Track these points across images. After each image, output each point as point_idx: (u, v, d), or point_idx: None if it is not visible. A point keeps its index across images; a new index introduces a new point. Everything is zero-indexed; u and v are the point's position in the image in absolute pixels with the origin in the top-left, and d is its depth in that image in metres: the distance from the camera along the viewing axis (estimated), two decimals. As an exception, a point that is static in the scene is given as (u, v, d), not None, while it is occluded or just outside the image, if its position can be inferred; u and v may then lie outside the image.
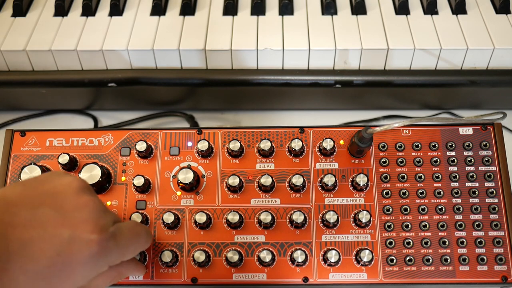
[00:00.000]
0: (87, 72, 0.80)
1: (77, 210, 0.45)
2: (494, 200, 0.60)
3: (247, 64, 0.79)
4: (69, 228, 0.43)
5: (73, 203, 0.45)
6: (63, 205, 0.45)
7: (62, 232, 0.42)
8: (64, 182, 0.47)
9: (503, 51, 0.77)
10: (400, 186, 0.61)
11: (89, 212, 0.45)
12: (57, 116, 0.91)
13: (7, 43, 0.79)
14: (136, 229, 0.52)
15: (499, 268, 0.58)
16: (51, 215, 0.43)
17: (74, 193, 0.46)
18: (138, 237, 0.52)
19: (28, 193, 0.44)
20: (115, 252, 0.47)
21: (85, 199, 0.46)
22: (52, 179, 0.47)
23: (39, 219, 0.42)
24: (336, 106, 0.88)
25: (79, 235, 0.43)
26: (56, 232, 0.42)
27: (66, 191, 0.46)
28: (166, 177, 0.62)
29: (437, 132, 0.63)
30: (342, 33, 0.79)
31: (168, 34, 0.80)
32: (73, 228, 0.43)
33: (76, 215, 0.44)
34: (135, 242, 0.51)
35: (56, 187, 0.46)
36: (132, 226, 0.52)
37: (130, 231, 0.50)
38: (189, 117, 0.87)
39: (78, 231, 0.43)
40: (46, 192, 0.45)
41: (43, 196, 0.44)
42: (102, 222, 0.46)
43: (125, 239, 0.49)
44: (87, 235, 0.44)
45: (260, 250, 0.58)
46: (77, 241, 0.43)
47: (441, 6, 0.83)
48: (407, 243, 0.59)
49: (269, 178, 0.59)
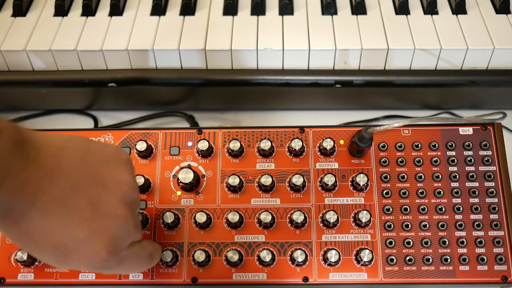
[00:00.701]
0: (87, 72, 0.80)
1: (107, 217, 0.43)
2: (494, 200, 0.60)
3: (247, 64, 0.79)
4: (88, 229, 0.42)
5: (109, 208, 0.43)
6: (99, 202, 0.43)
7: (80, 229, 0.41)
8: (118, 178, 0.45)
9: (503, 51, 0.77)
10: (400, 186, 0.61)
11: (116, 226, 0.44)
12: (57, 116, 0.91)
13: (7, 43, 0.79)
14: (144, 260, 0.50)
15: (499, 268, 0.58)
16: (83, 206, 0.42)
17: (117, 197, 0.44)
18: (142, 266, 0.51)
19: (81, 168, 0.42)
20: (113, 270, 0.46)
21: (121, 212, 0.44)
22: (113, 165, 0.46)
23: (71, 202, 0.41)
24: (336, 106, 0.88)
25: (92, 242, 0.42)
26: (76, 225, 0.41)
27: (112, 189, 0.44)
28: (166, 177, 0.62)
29: (437, 132, 0.63)
30: (342, 33, 0.79)
31: (168, 34, 0.80)
32: (91, 233, 0.42)
33: (103, 222, 0.43)
34: (137, 269, 0.51)
35: (108, 178, 0.44)
36: (144, 256, 0.50)
37: (138, 260, 0.49)
38: (189, 117, 0.87)
39: (93, 239, 0.42)
40: (96, 176, 0.43)
41: (91, 180, 0.43)
42: (119, 244, 0.44)
43: (129, 265, 0.48)
44: (98, 247, 0.42)
45: (260, 250, 0.58)
46: (86, 246, 0.42)
47: (441, 6, 0.83)
48: (407, 243, 0.59)
49: (269, 178, 0.59)
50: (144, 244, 0.51)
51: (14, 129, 0.38)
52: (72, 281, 0.58)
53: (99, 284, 0.58)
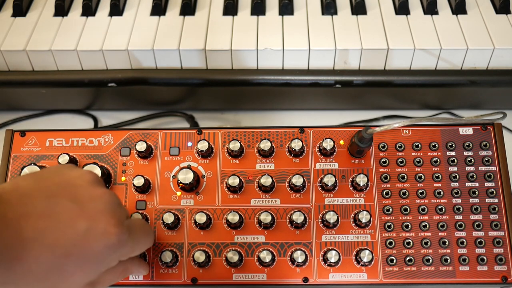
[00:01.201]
0: (87, 72, 0.80)
1: (92, 201, 0.44)
2: (494, 200, 0.60)
3: (247, 64, 0.79)
4: (85, 219, 0.43)
5: (88, 195, 0.45)
6: (78, 196, 0.44)
7: (78, 223, 0.42)
8: (76, 175, 0.47)
9: (503, 51, 0.76)
10: (400, 186, 0.61)
11: (105, 204, 0.45)
12: (57, 116, 0.91)
13: (7, 43, 0.79)
14: (145, 227, 0.53)
15: (499, 268, 0.58)
16: (67, 206, 0.43)
17: (87, 185, 0.46)
18: (147, 234, 0.53)
19: (41, 184, 0.44)
20: (128, 246, 0.47)
21: (100, 191, 0.46)
22: (63, 171, 0.47)
23: (55, 209, 0.42)
24: (336, 106, 0.88)
25: (96, 226, 0.43)
26: (73, 222, 0.42)
27: (79, 183, 0.46)
28: (166, 177, 0.62)
29: (437, 132, 0.63)
30: (342, 33, 0.79)
31: (168, 34, 0.80)
32: (90, 220, 0.43)
33: (93, 206, 0.44)
34: (145, 238, 0.52)
35: (69, 179, 0.46)
36: (143, 223, 0.53)
37: (141, 228, 0.51)
38: (189, 117, 0.87)
39: (95, 223, 0.43)
40: (59, 183, 0.45)
41: (57, 187, 0.44)
42: (118, 215, 0.46)
43: (138, 234, 0.49)
44: (104, 226, 0.43)
45: (260, 250, 0.58)
46: (93, 233, 0.43)
47: (441, 6, 0.83)
48: (407, 243, 0.59)
49: (269, 178, 0.59)
50: (134, 217, 0.54)
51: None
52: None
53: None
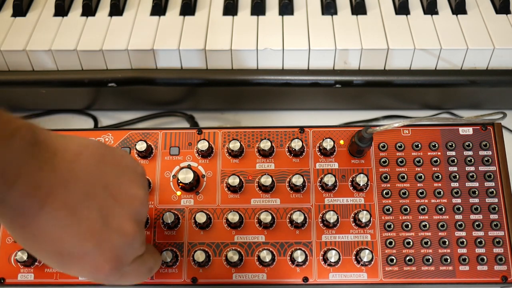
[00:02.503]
0: (87, 72, 0.80)
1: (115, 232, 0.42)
2: (494, 200, 0.60)
3: (247, 64, 0.79)
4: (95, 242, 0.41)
5: (119, 223, 0.43)
6: (110, 214, 0.42)
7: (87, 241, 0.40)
8: (131, 193, 0.44)
9: (503, 51, 0.76)
10: (400, 186, 0.61)
11: (123, 243, 0.43)
12: (57, 116, 0.91)
13: (7, 43, 0.79)
14: (145, 275, 0.50)
15: (499, 268, 0.58)
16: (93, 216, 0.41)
17: (128, 213, 0.44)
18: (141, 279, 0.50)
19: (96, 176, 0.42)
20: (112, 282, 0.46)
21: (130, 228, 0.43)
22: (127, 178, 0.45)
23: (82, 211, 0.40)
24: (336, 106, 0.88)
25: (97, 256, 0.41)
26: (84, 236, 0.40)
27: (124, 204, 0.43)
28: (166, 177, 0.62)
29: (437, 132, 0.63)
30: (342, 33, 0.79)
31: (168, 34, 0.80)
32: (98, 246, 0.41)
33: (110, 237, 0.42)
34: (135, 281, 0.49)
35: (120, 191, 0.43)
36: (145, 270, 0.50)
37: (139, 275, 0.49)
38: (189, 117, 0.87)
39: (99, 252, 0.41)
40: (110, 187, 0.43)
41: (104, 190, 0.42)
42: (123, 261, 0.44)
43: (129, 279, 0.47)
44: (102, 261, 0.42)
45: (260, 250, 0.58)
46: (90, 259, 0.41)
47: (441, 6, 0.83)
48: (407, 243, 0.59)
49: (269, 178, 0.59)
50: (145, 258, 0.49)
51: (30, 128, 0.37)
52: (72, 281, 0.58)
53: (100, 284, 0.58)
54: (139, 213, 0.45)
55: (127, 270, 0.46)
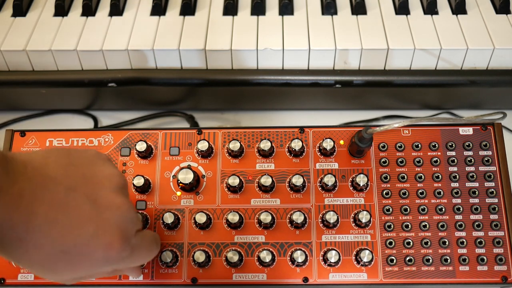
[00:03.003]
0: (87, 72, 0.80)
1: (109, 209, 0.44)
2: (494, 200, 0.60)
3: (247, 64, 0.79)
4: (95, 225, 0.42)
5: (108, 200, 0.44)
6: (98, 197, 0.44)
7: (87, 226, 0.42)
8: (106, 174, 0.46)
9: (503, 51, 0.76)
10: (400, 186, 0.61)
11: (119, 216, 0.44)
12: (57, 116, 0.91)
13: (7, 43, 0.79)
14: (152, 246, 0.52)
15: (499, 268, 0.58)
16: (83, 204, 0.42)
17: (112, 189, 0.45)
18: (151, 253, 0.52)
19: (69, 172, 0.43)
20: (126, 262, 0.47)
21: (120, 201, 0.45)
22: (96, 164, 0.47)
23: (71, 203, 0.41)
24: (336, 106, 0.88)
25: (102, 235, 0.42)
26: (82, 223, 0.41)
27: (105, 184, 0.45)
28: (166, 177, 0.62)
29: (437, 132, 0.63)
30: (342, 33, 0.79)
31: (168, 34, 0.80)
32: (99, 227, 0.42)
33: (107, 214, 0.43)
34: (146, 258, 0.52)
35: (97, 175, 0.45)
36: (150, 241, 0.51)
37: (147, 247, 0.50)
38: (189, 117, 0.87)
39: (102, 232, 0.42)
40: (86, 176, 0.44)
41: (82, 180, 0.43)
42: (128, 232, 0.45)
43: (140, 253, 0.49)
44: (109, 238, 0.43)
45: (260, 250, 0.58)
46: (97, 241, 0.42)
47: (441, 6, 0.83)
48: (407, 243, 0.59)
49: (269, 178, 0.59)
50: (146, 231, 0.52)
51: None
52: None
53: (100, 284, 0.58)
54: (121, 186, 0.47)
55: (135, 243, 0.47)
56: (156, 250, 0.53)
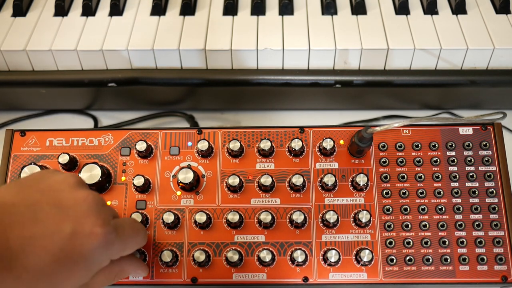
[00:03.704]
0: (87, 72, 0.80)
1: (76, 204, 0.45)
2: (494, 200, 0.60)
3: (247, 64, 0.79)
4: (70, 222, 0.43)
5: (72, 198, 0.45)
6: (61, 201, 0.45)
7: (63, 227, 0.42)
8: (59, 179, 0.47)
9: (503, 51, 0.76)
10: (400, 186, 0.61)
11: (89, 205, 0.45)
12: (57, 116, 0.91)
13: (7, 43, 0.79)
14: (134, 225, 0.53)
15: (499, 268, 0.58)
16: (51, 211, 0.43)
17: (71, 188, 0.46)
18: (137, 232, 0.52)
19: (24, 192, 0.44)
20: (116, 245, 0.47)
21: (83, 193, 0.46)
22: (47, 177, 0.48)
23: (38, 216, 0.42)
24: (336, 106, 0.88)
25: (81, 228, 0.43)
26: (58, 227, 0.42)
27: (62, 187, 0.46)
28: (166, 177, 0.62)
29: (437, 132, 0.63)
30: (342, 33, 0.79)
31: (168, 34, 0.80)
32: (75, 222, 0.43)
33: (77, 209, 0.45)
34: (134, 237, 0.52)
35: (52, 184, 0.46)
36: (131, 221, 0.53)
37: (130, 226, 0.51)
38: (189, 117, 0.87)
39: (80, 225, 0.43)
40: (42, 189, 0.45)
41: (40, 194, 0.45)
42: (103, 215, 0.46)
43: (126, 233, 0.49)
44: (89, 227, 0.44)
45: (260, 250, 0.58)
46: (79, 235, 0.43)
47: (441, 6, 0.83)
48: (407, 243, 0.59)
49: (269, 178, 0.59)
50: (127, 217, 0.54)
51: None
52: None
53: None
54: (78, 183, 0.48)
55: (115, 223, 0.47)
56: (142, 230, 0.54)
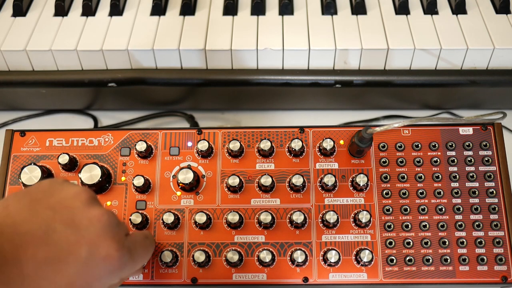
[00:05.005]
0: (87, 72, 0.80)
1: (91, 224, 0.43)
2: (494, 200, 0.60)
3: (247, 64, 0.79)
4: (86, 245, 0.41)
5: (86, 218, 0.43)
6: (75, 220, 0.43)
7: (79, 250, 0.41)
8: (71, 194, 0.45)
9: (503, 51, 0.76)
10: (400, 186, 0.61)
11: (104, 226, 0.44)
12: (57, 116, 0.91)
13: (7, 43, 0.79)
14: (146, 242, 0.52)
15: (499, 268, 0.58)
16: (65, 232, 0.41)
17: (84, 206, 0.45)
18: (147, 250, 0.52)
19: (35, 209, 0.42)
20: (129, 266, 0.46)
21: (97, 212, 0.44)
22: (57, 189, 0.45)
23: (52, 236, 0.40)
24: (336, 106, 0.88)
25: (97, 251, 0.42)
26: (73, 249, 0.41)
27: (75, 204, 0.44)
28: (166, 177, 0.62)
29: (437, 132, 0.63)
30: (342, 33, 0.79)
31: (168, 34, 0.80)
32: (90, 245, 0.42)
33: (91, 230, 0.43)
34: (145, 256, 0.51)
35: (63, 199, 0.44)
36: (142, 238, 0.51)
37: (142, 244, 0.50)
38: (189, 117, 0.87)
39: (95, 248, 0.42)
40: (54, 206, 0.43)
41: (52, 212, 0.42)
42: (118, 237, 0.44)
43: (138, 252, 0.48)
44: (105, 251, 0.43)
45: (260, 250, 0.58)
46: (95, 258, 0.42)
47: (441, 6, 0.83)
48: (407, 243, 0.59)
49: (269, 178, 0.59)
50: (135, 232, 0.52)
51: None
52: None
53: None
54: (91, 199, 0.46)
55: (128, 244, 0.46)
56: (152, 246, 0.53)
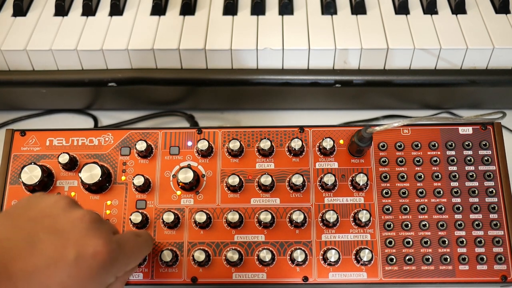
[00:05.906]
0: (87, 72, 0.80)
1: (74, 226, 0.44)
2: (494, 199, 0.60)
3: (247, 63, 0.79)
4: (72, 246, 0.42)
5: (68, 221, 0.44)
6: (57, 226, 0.43)
7: (66, 253, 0.41)
8: (49, 203, 0.46)
9: (502, 51, 0.77)
10: (399, 185, 0.61)
11: (87, 225, 0.44)
12: (57, 116, 0.91)
13: (7, 43, 0.79)
14: (137, 239, 0.51)
15: (499, 267, 0.58)
16: (48, 239, 0.41)
17: (64, 211, 0.45)
18: (140, 246, 0.52)
19: (17, 224, 0.43)
20: (121, 260, 0.46)
21: (78, 213, 0.45)
22: (35, 203, 0.46)
23: (37, 246, 0.41)
24: (336, 106, 0.88)
25: (85, 250, 0.42)
26: (60, 254, 0.41)
27: (55, 212, 0.45)
28: (166, 176, 0.62)
29: (437, 131, 0.63)
30: (342, 32, 0.79)
31: (168, 34, 0.80)
32: (77, 246, 0.42)
33: (75, 231, 0.43)
34: (138, 252, 0.51)
35: (42, 210, 0.45)
36: (132, 235, 0.51)
37: (131, 240, 0.50)
38: (189, 117, 0.87)
39: (82, 247, 0.42)
40: (35, 218, 0.44)
41: (34, 223, 0.43)
42: (104, 233, 0.45)
43: (129, 247, 0.48)
44: (92, 248, 0.43)
45: (260, 249, 0.58)
46: (84, 258, 0.42)
47: (440, 6, 0.83)
48: (407, 243, 0.59)
49: (269, 178, 0.59)
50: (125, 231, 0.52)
51: None
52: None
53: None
54: (70, 204, 0.47)
55: (118, 239, 0.46)
56: (146, 244, 0.53)
